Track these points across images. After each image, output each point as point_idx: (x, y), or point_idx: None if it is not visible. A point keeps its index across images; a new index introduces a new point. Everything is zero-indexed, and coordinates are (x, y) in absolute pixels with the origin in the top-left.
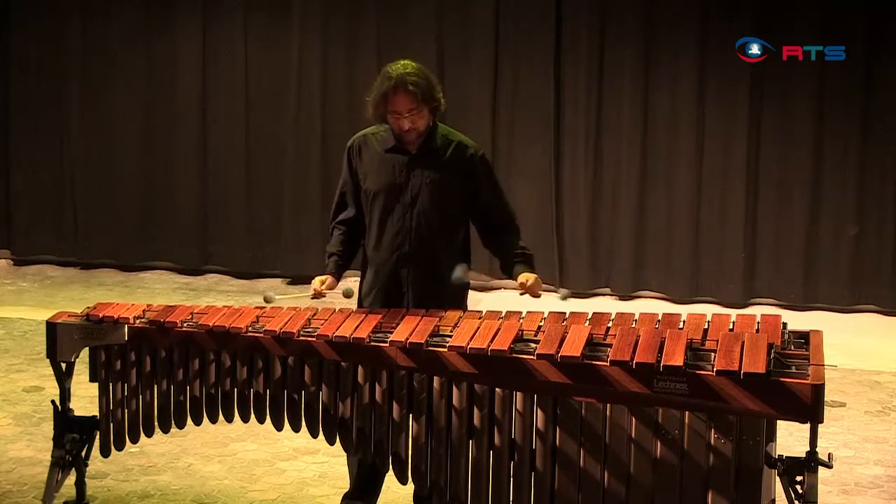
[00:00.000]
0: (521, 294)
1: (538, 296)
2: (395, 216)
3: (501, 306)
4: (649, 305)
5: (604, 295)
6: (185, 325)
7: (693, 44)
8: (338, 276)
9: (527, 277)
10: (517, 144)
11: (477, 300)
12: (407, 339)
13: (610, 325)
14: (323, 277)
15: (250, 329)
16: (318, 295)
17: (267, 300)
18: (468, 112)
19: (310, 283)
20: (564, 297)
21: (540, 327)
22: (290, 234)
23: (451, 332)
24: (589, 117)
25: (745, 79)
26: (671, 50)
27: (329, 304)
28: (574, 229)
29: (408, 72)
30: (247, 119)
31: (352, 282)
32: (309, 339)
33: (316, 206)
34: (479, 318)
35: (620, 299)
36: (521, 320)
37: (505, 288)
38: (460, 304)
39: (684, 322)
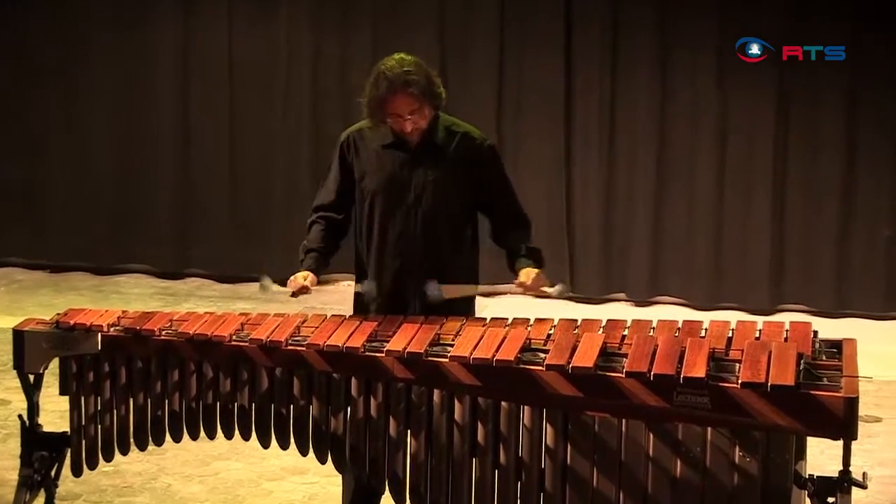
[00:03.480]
0: (523, 293)
1: (541, 293)
2: (397, 218)
3: (507, 312)
4: (668, 312)
5: (619, 301)
6: (163, 333)
7: (716, 32)
8: (318, 273)
9: (527, 274)
10: (524, 138)
11: (482, 306)
12: (405, 348)
13: (625, 333)
14: (304, 274)
15: (234, 337)
16: (301, 291)
17: (263, 287)
18: (471, 103)
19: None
20: (560, 294)
21: (549, 335)
22: (280, 234)
23: (453, 340)
24: (602, 109)
25: (773, 72)
26: (692, 38)
27: (319, 308)
28: (586, 230)
29: (405, 70)
30: (231, 110)
31: (343, 285)
32: (298, 348)
33: (307, 204)
34: (483, 325)
35: (637, 305)
36: (529, 328)
37: (512, 293)
38: (468, 311)
39: (706, 330)
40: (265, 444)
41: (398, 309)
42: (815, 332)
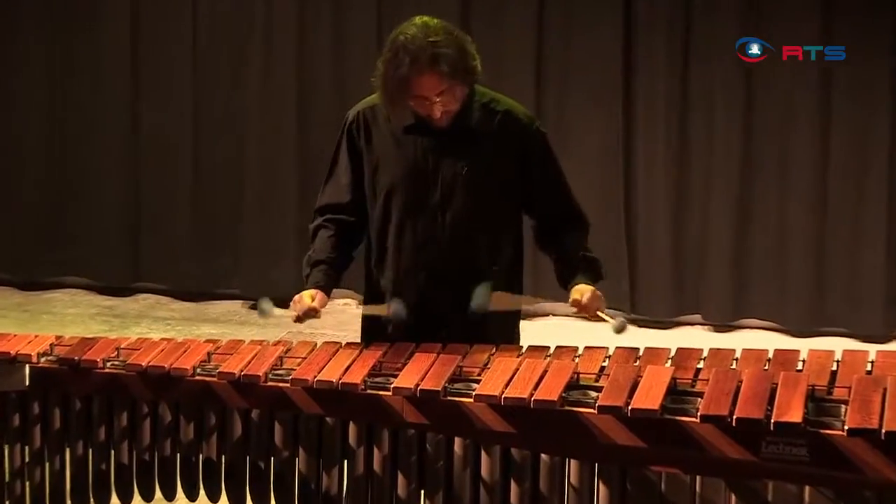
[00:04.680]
0: (575, 313)
1: (596, 318)
2: (419, 221)
3: (549, 339)
4: (755, 339)
5: (692, 324)
6: (108, 364)
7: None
8: (328, 291)
9: (581, 291)
10: (572, 119)
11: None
12: (417, 384)
13: (700, 365)
14: (311, 292)
15: (199, 371)
16: (308, 314)
17: (263, 312)
18: (503, 75)
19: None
20: (619, 330)
21: (603, 369)
22: (253, 242)
23: (479, 375)
24: (671, 83)
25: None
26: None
27: (308, 334)
28: (651, 235)
29: (431, 40)
30: (195, 91)
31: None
32: (280, 384)
33: (290, 205)
34: (518, 355)
35: (715, 330)
36: (577, 359)
37: (554, 314)
38: (511, 338)
39: (804, 362)
40: None
41: (423, 335)
42: None
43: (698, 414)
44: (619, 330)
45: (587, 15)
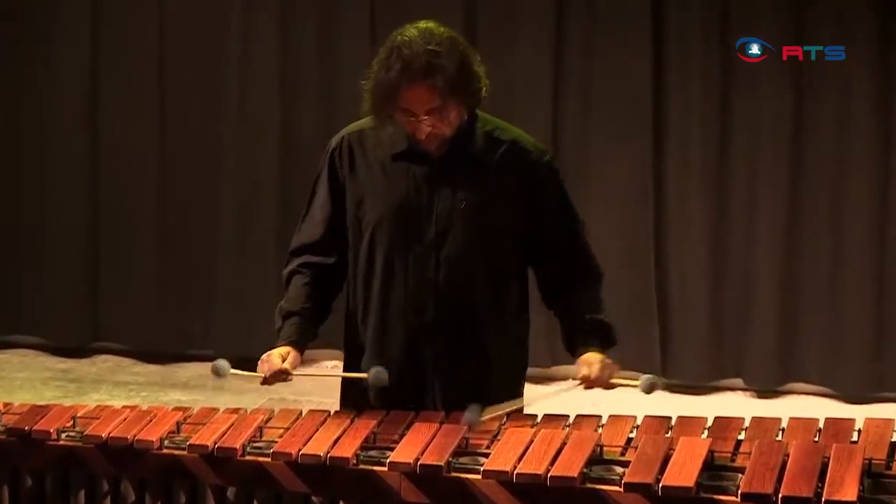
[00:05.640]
0: (585, 388)
1: (612, 387)
2: (410, 263)
3: (567, 407)
4: (804, 406)
5: (732, 390)
6: (63, 436)
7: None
8: (302, 348)
9: (588, 363)
10: (594, 151)
11: (531, 397)
12: (417, 459)
13: (741, 437)
14: (282, 350)
15: (167, 443)
16: (278, 376)
17: (218, 372)
18: (513, 100)
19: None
20: (649, 389)
21: (630, 441)
22: (229, 295)
23: (488, 448)
24: (708, 111)
25: None
26: (839, 9)
27: (292, 400)
28: (686, 285)
29: (430, 48)
30: (162, 109)
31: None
32: (260, 458)
33: (268, 254)
34: (532, 425)
35: (759, 396)
36: (600, 429)
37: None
38: (515, 395)
39: (859, 432)
40: None
41: (409, 399)
42: None
43: (739, 492)
44: (649, 390)
45: (611, 35)
